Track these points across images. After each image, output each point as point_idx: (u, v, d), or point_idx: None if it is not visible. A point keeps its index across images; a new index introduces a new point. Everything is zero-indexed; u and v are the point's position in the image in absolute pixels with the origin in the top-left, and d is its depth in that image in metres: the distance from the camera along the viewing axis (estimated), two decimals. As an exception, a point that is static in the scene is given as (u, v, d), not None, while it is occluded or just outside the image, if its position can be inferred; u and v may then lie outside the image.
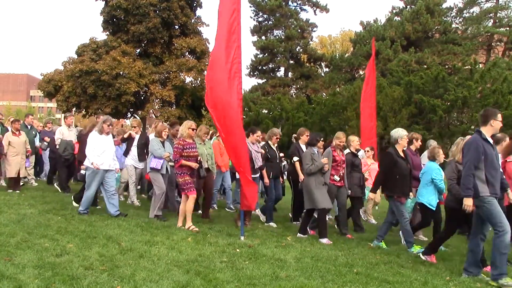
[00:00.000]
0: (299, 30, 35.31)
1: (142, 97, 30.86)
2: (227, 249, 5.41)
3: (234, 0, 6.34)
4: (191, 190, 6.57)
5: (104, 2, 30.10)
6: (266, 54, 35.84)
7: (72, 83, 28.53)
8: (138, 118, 15.82)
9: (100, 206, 7.89)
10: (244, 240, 5.95)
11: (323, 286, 4.26)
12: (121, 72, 27.81)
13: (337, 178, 7.03)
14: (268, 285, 4.17)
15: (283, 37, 35.20)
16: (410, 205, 7.09)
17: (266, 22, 36.27)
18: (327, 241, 6.32)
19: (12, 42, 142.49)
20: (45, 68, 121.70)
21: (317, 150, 6.80)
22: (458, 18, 35.01)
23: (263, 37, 36.09)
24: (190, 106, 31.20)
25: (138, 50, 30.82)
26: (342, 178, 7.15)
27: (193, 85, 30.82)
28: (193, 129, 6.95)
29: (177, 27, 30.67)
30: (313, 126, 23.13)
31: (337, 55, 36.99)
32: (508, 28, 32.46)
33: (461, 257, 5.71)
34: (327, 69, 37.73)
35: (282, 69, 37.00)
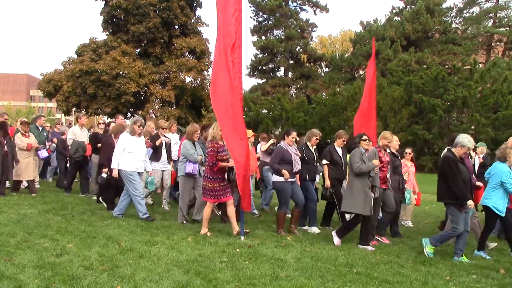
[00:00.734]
0: (299, 30, 35.33)
1: (142, 97, 30.86)
2: (227, 249, 5.41)
3: (235, 0, 6.33)
4: (227, 196, 6.30)
5: (104, 2, 30.09)
6: (266, 54, 35.86)
7: (72, 83, 28.53)
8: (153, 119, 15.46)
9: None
10: (244, 240, 5.95)
11: (323, 286, 4.26)
12: (121, 72, 27.81)
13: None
14: (268, 285, 4.17)
15: (283, 37, 35.22)
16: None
17: (266, 22, 36.30)
18: (338, 242, 6.17)
19: (12, 42, 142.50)
20: (45, 68, 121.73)
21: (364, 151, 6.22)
22: (458, 18, 35.05)
23: (263, 37, 36.13)
24: (190, 106, 31.21)
25: (138, 50, 30.83)
26: (387, 180, 6.66)
27: (193, 85, 30.83)
28: None
29: (177, 27, 30.68)
30: (313, 126, 23.04)
31: (337, 55, 37.02)
32: (508, 28, 32.48)
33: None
34: (327, 69, 37.76)
35: (282, 69, 37.05)
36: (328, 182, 7.16)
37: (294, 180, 6.80)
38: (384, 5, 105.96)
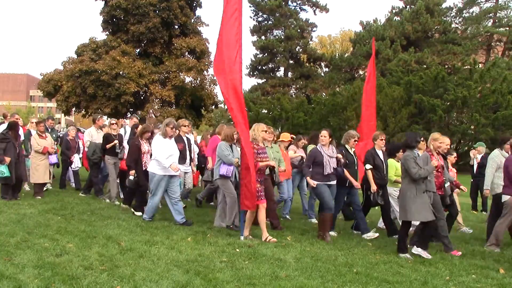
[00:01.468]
0: (299, 30, 35.34)
1: (142, 97, 30.87)
2: (227, 249, 5.41)
3: (236, 0, 6.32)
4: (261, 199, 6.13)
5: (104, 2, 30.10)
6: (266, 54, 35.87)
7: (72, 83, 28.54)
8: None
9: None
10: (244, 240, 5.95)
11: (323, 286, 4.26)
12: (121, 72, 27.82)
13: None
14: (268, 285, 4.17)
15: (283, 37, 35.22)
16: None
17: (266, 22, 36.30)
18: (427, 254, 5.63)
19: (12, 42, 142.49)
20: (45, 68, 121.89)
21: (419, 153, 5.79)
22: (458, 18, 35.05)
23: (263, 37, 36.14)
24: (190, 106, 31.22)
25: (138, 50, 30.84)
26: (442, 185, 6.33)
27: (193, 85, 30.83)
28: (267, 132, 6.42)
29: (177, 27, 30.68)
30: (313, 126, 23.11)
31: (337, 55, 37.05)
32: (508, 28, 32.49)
33: (460, 258, 5.72)
34: (327, 69, 37.78)
35: (282, 69, 37.06)
36: (374, 187, 6.75)
37: (331, 183, 6.51)
38: (384, 5, 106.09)
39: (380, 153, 7.08)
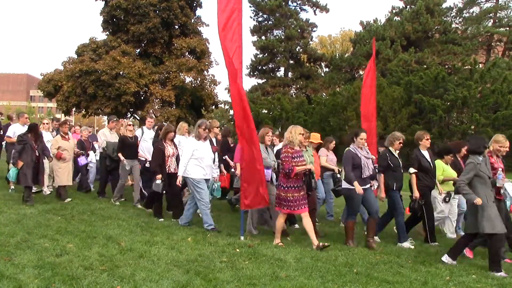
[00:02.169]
0: (299, 30, 35.36)
1: (142, 97, 30.87)
2: (227, 249, 5.41)
3: (236, 0, 6.31)
4: (302, 208, 5.83)
5: (104, 2, 30.12)
6: (266, 54, 35.88)
7: (72, 83, 28.55)
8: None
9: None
10: (244, 240, 5.94)
11: (323, 286, 4.26)
12: (121, 72, 27.83)
13: None
14: (268, 285, 4.17)
15: (283, 37, 35.24)
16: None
17: (266, 22, 36.32)
18: (502, 274, 5.05)
19: (12, 42, 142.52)
20: (45, 68, 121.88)
21: (482, 159, 5.37)
22: (458, 18, 35.06)
23: (263, 37, 36.15)
24: (190, 106, 31.23)
25: (138, 50, 30.85)
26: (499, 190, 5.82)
27: (193, 85, 30.85)
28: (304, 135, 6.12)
29: (177, 27, 30.70)
30: (313, 126, 23.14)
31: (337, 55, 37.06)
32: (508, 28, 32.49)
33: (460, 258, 5.71)
34: (327, 69, 37.81)
35: (282, 69, 37.07)
36: (417, 193, 6.43)
37: (368, 187, 6.18)
38: (384, 5, 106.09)
39: (426, 154, 6.66)
